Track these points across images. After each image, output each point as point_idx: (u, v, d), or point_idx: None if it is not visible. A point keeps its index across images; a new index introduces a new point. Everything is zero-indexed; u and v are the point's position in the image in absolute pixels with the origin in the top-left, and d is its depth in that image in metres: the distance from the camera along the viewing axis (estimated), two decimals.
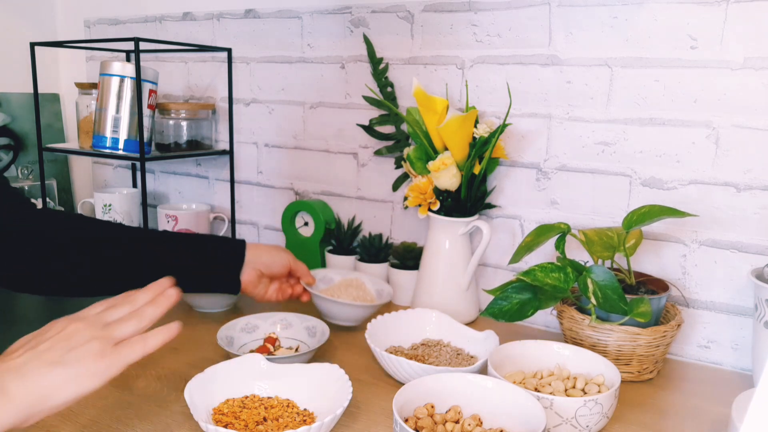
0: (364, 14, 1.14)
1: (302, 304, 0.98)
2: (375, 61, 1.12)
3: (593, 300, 0.78)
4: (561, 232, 0.87)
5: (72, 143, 1.55)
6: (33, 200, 1.43)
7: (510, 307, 0.83)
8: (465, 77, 1.06)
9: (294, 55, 1.24)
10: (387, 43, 1.12)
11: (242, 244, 0.88)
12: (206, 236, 0.90)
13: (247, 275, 0.87)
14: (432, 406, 0.66)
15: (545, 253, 1.00)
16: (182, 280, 0.67)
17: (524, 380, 0.74)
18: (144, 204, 1.16)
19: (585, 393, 0.72)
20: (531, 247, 0.87)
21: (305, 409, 0.70)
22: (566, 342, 0.84)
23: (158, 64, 1.43)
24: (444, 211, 1.00)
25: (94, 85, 1.29)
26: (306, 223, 1.21)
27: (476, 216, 1.01)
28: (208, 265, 0.85)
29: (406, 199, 1.03)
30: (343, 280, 1.02)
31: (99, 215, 1.36)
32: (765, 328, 0.79)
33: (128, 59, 1.42)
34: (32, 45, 1.26)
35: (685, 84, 0.89)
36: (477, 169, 0.98)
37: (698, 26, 0.87)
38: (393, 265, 1.10)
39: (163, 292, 0.61)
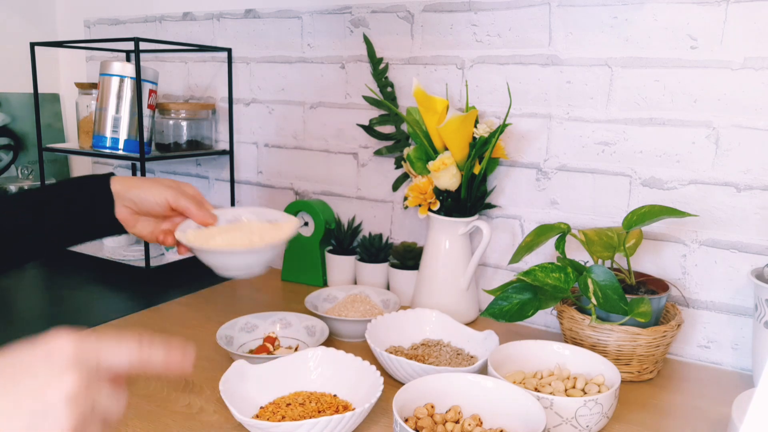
0: (364, 14, 1.14)
1: (302, 304, 0.98)
2: (375, 61, 1.12)
3: (593, 300, 0.78)
4: (561, 232, 0.87)
5: (72, 143, 1.55)
6: None
7: (510, 307, 0.83)
8: (465, 77, 1.06)
9: (294, 55, 1.24)
10: (387, 43, 1.12)
11: (106, 179, 0.74)
12: (65, 181, 0.77)
13: (120, 213, 0.74)
14: (432, 406, 0.66)
15: (545, 253, 1.00)
16: (54, 235, 0.66)
17: (524, 380, 0.74)
18: None
19: (585, 393, 0.72)
20: (531, 247, 0.87)
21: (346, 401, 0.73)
22: (566, 342, 0.84)
23: (158, 64, 1.43)
24: (444, 211, 1.00)
25: (94, 85, 1.29)
26: (306, 223, 1.21)
27: (476, 216, 1.01)
28: (72, 212, 0.73)
29: (406, 199, 1.03)
30: (347, 296, 1.02)
31: None
32: (765, 328, 0.79)
33: (128, 59, 1.42)
34: (32, 45, 1.26)
35: (685, 84, 0.89)
36: (477, 169, 0.98)
37: (698, 26, 0.87)
38: (393, 265, 1.10)
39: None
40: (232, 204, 1.35)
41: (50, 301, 1.12)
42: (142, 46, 1.34)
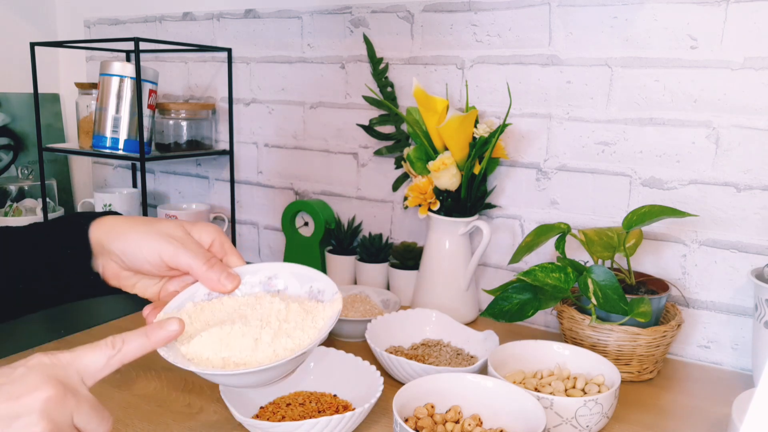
0: (364, 14, 1.14)
1: None
2: (375, 61, 1.12)
3: (593, 300, 0.78)
4: (561, 232, 0.87)
5: (72, 143, 1.55)
6: (33, 200, 1.44)
7: (510, 307, 0.83)
8: (465, 77, 1.06)
9: (294, 55, 1.24)
10: (387, 43, 1.12)
11: (86, 220, 0.55)
12: (48, 221, 0.59)
13: (107, 268, 0.56)
14: (432, 406, 0.66)
15: (545, 253, 1.00)
16: (24, 290, 0.54)
17: (524, 380, 0.74)
18: (144, 204, 1.16)
19: (585, 393, 0.72)
20: (531, 247, 0.87)
21: (345, 400, 0.73)
22: (566, 342, 0.84)
23: (158, 64, 1.43)
24: (444, 211, 1.00)
25: (94, 85, 1.29)
26: (306, 223, 1.21)
27: (476, 216, 1.01)
28: (43, 259, 0.55)
29: (406, 199, 1.03)
30: (347, 296, 1.02)
31: None
32: (765, 328, 0.79)
33: (128, 59, 1.42)
34: (32, 45, 1.26)
35: (685, 84, 0.89)
36: (477, 169, 0.98)
37: (698, 26, 0.87)
38: (393, 265, 1.10)
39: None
40: (233, 205, 1.35)
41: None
42: (142, 46, 1.34)
